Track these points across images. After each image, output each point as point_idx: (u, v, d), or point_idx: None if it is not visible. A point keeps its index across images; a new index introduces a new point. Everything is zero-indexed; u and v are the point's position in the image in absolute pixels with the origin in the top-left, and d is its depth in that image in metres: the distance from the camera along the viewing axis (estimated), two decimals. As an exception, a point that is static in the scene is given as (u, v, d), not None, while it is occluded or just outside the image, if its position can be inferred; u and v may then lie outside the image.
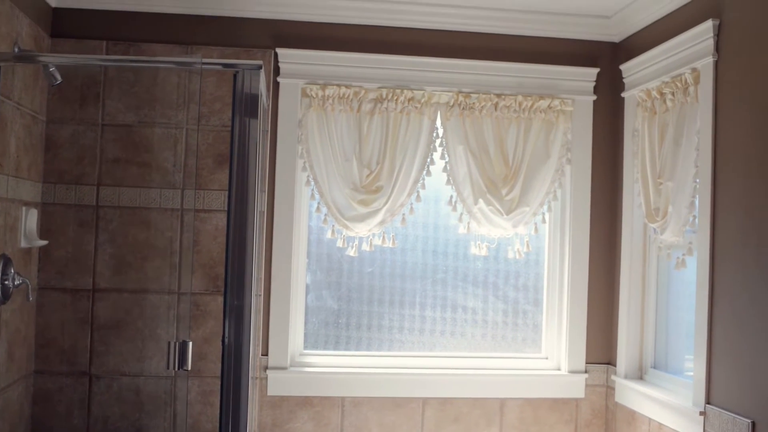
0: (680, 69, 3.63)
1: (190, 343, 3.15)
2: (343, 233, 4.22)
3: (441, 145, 4.27)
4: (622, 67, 4.25)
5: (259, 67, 3.20)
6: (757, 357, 3.04)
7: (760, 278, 3.03)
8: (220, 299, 3.96)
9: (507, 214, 4.24)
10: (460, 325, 4.41)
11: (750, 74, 3.17)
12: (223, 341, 3.14)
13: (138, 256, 4.02)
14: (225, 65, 3.84)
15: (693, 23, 3.55)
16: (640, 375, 4.15)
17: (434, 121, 4.26)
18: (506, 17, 4.26)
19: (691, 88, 3.55)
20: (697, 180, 3.47)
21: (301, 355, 4.29)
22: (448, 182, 4.27)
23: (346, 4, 4.16)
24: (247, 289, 3.17)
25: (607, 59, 4.40)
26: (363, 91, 4.19)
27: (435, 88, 4.23)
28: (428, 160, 4.25)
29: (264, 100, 3.77)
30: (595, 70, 4.34)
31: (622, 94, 4.27)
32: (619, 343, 4.21)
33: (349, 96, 4.17)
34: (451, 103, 4.25)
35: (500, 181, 4.24)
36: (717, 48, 3.39)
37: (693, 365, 3.46)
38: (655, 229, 3.90)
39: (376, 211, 4.18)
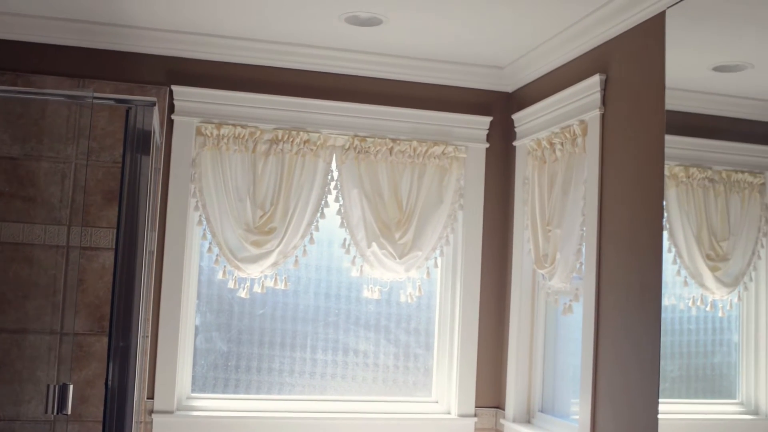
0: (569, 120, 3.75)
1: (71, 386, 3.04)
2: (235, 274, 4.16)
3: (336, 187, 4.28)
4: (514, 116, 4.36)
5: (153, 104, 3.15)
6: (637, 400, 3.12)
7: (641, 324, 3.12)
8: (105, 340, 3.84)
9: (400, 258, 4.26)
10: (352, 369, 4.39)
11: (633, 127, 3.29)
12: (106, 384, 3.04)
13: (18, 293, 3.87)
14: (117, 100, 3.75)
15: (581, 77, 3.68)
16: (528, 418, 4.20)
17: (329, 163, 4.27)
18: (403, 64, 4.32)
19: (579, 139, 3.67)
20: (584, 228, 3.57)
21: (189, 399, 4.19)
22: (342, 225, 4.27)
23: (244, 44, 4.15)
24: (134, 330, 3.09)
25: (500, 108, 4.51)
26: (258, 132, 4.17)
27: (331, 130, 4.25)
28: (323, 202, 4.25)
29: (157, 138, 3.71)
30: (488, 119, 4.44)
31: (514, 143, 4.38)
32: (508, 387, 4.26)
33: (244, 136, 4.15)
34: (347, 147, 4.27)
35: (394, 225, 4.27)
36: (604, 101, 3.52)
37: (578, 408, 3.53)
38: (543, 275, 3.98)
39: (269, 253, 4.14)
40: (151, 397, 4.02)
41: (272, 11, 3.70)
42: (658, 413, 2.94)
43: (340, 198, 4.27)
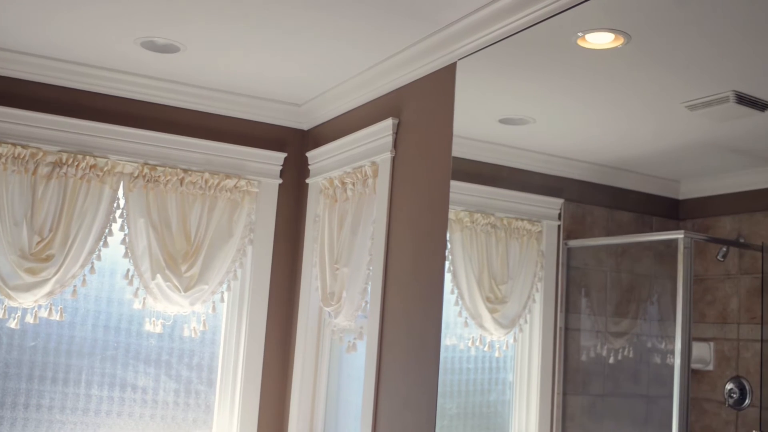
0: (361, 161, 3.83)
1: None
2: (5, 303, 3.90)
3: (122, 216, 4.12)
4: (309, 154, 4.40)
5: None
6: (416, 438, 3.19)
7: (421, 363, 3.20)
8: None
9: (185, 291, 4.16)
10: (129, 405, 4.21)
11: (421, 171, 3.41)
12: None
13: None
14: None
15: (375, 120, 3.77)
16: (307, 457, 4.19)
17: (116, 190, 4.12)
18: (199, 94, 4.26)
19: (370, 180, 3.75)
20: (371, 267, 3.64)
21: (-56, 437, 3.85)
22: (126, 255, 4.12)
23: (29, 60, 3.94)
24: None
25: (295, 145, 4.54)
26: (41, 153, 3.95)
27: (120, 157, 4.10)
28: (107, 230, 4.08)
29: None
30: (282, 155, 4.45)
31: (307, 180, 4.41)
32: (290, 425, 4.24)
33: (24, 157, 3.92)
34: (136, 174, 4.14)
35: (180, 258, 4.16)
36: (395, 145, 3.62)
37: (358, 447, 3.56)
38: (329, 313, 4.01)
39: (45, 281, 3.91)
40: None
41: (65, 28, 3.54)
42: (435, 450, 3.01)
43: (126, 227, 4.12)
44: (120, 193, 4.14)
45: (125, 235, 4.12)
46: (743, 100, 2.47)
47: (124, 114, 4.17)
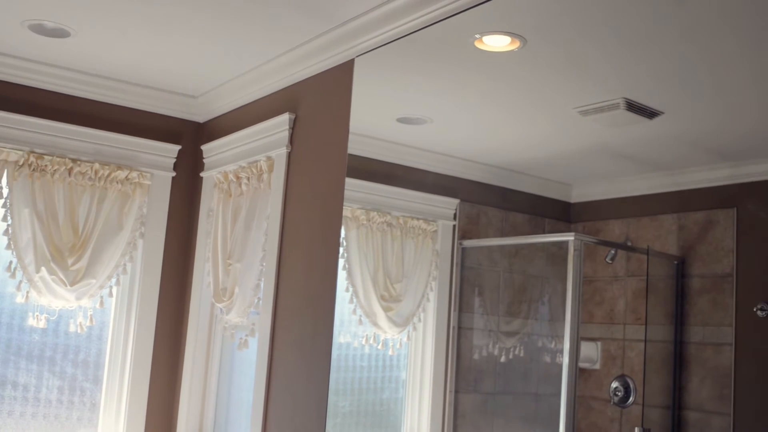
0: (257, 156, 3.78)
1: None
2: None
3: (5, 206, 3.96)
4: (204, 147, 4.32)
5: None
6: (308, 436, 3.17)
7: (313, 361, 3.19)
8: None
9: (71, 285, 4.02)
10: (9, 404, 4.05)
11: (317, 167, 3.39)
12: None
13: None
14: None
15: (272, 114, 3.73)
16: (196, 455, 4.12)
17: (-1, 179, 3.95)
18: (91, 81, 4.13)
19: (266, 175, 3.70)
20: (264, 263, 3.60)
21: None
22: (9, 247, 3.95)
23: None
24: None
25: (190, 138, 4.45)
26: None
27: (4, 144, 3.93)
28: (-12, 220, 3.91)
29: None
30: (177, 147, 4.36)
31: (202, 174, 4.33)
32: (179, 423, 4.15)
33: None
34: (21, 163, 3.98)
35: (67, 251, 4.03)
36: (291, 140, 3.59)
37: (248, 445, 3.52)
38: (221, 309, 3.95)
39: None
40: None
41: (-56, 8, 3.37)
42: (326, 448, 3.01)
43: (9, 217, 3.95)
44: (3, 182, 3.97)
45: (8, 225, 3.96)
46: (633, 107, 2.54)
47: (10, 99, 4.00)
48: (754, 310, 2.89)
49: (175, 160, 4.38)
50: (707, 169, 3.06)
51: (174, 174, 4.37)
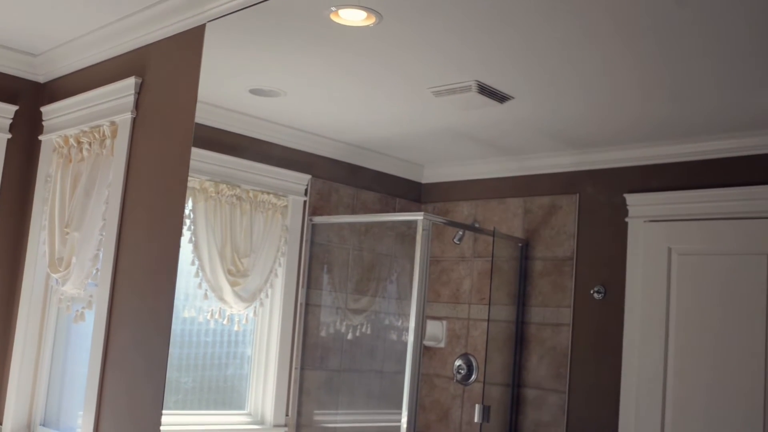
0: (100, 120, 3.62)
1: None
2: None
3: None
4: (44, 109, 4.10)
5: None
6: (143, 412, 3.08)
7: (152, 335, 3.09)
8: None
9: None
10: None
11: (163, 135, 3.27)
12: None
13: None
14: None
15: (117, 77, 3.57)
16: (26, 432, 3.94)
17: None
18: None
19: (108, 141, 3.55)
20: (104, 233, 3.46)
21: None
22: None
23: None
24: None
25: (29, 98, 4.20)
26: None
27: None
28: None
29: None
30: (13, 108, 4.11)
31: (40, 137, 4.11)
32: (8, 399, 3.95)
33: None
34: None
35: None
36: (137, 105, 3.45)
37: (82, 421, 3.39)
38: (57, 280, 3.77)
39: None
40: None
41: None
42: (160, 425, 2.93)
43: None
44: None
45: None
46: (484, 90, 2.58)
47: None
48: (591, 292, 3.01)
49: (11, 121, 4.12)
50: (553, 155, 3.15)
51: (9, 136, 4.12)
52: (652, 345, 2.80)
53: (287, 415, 2.99)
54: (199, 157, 2.89)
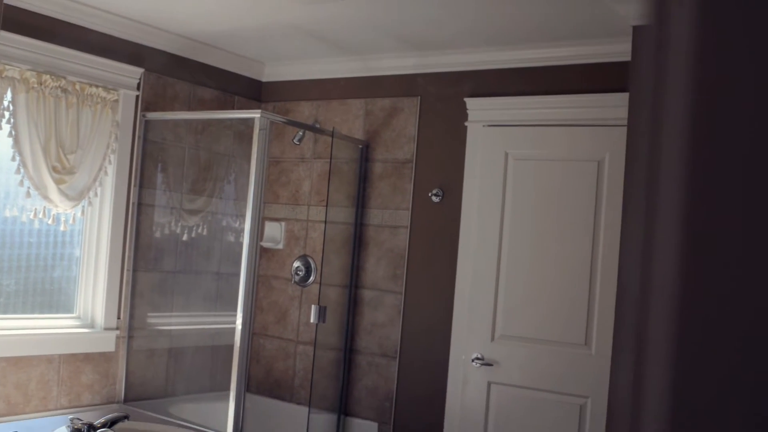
0: None
1: None
2: None
3: None
4: None
5: None
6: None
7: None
8: None
9: None
10: None
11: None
12: None
13: None
14: None
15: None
16: None
17: None
18: None
19: None
20: None
21: None
22: None
23: None
24: None
25: None
26: None
27: None
28: None
29: None
30: None
31: None
32: None
33: None
34: None
35: None
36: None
37: None
38: None
39: None
40: None
41: None
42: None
43: None
44: None
45: None
46: (327, -14, 2.50)
47: None
48: (430, 195, 3.04)
49: None
50: (395, 56, 3.12)
51: None
52: (487, 246, 2.87)
53: (119, 318, 2.89)
54: (14, 42, 2.63)
